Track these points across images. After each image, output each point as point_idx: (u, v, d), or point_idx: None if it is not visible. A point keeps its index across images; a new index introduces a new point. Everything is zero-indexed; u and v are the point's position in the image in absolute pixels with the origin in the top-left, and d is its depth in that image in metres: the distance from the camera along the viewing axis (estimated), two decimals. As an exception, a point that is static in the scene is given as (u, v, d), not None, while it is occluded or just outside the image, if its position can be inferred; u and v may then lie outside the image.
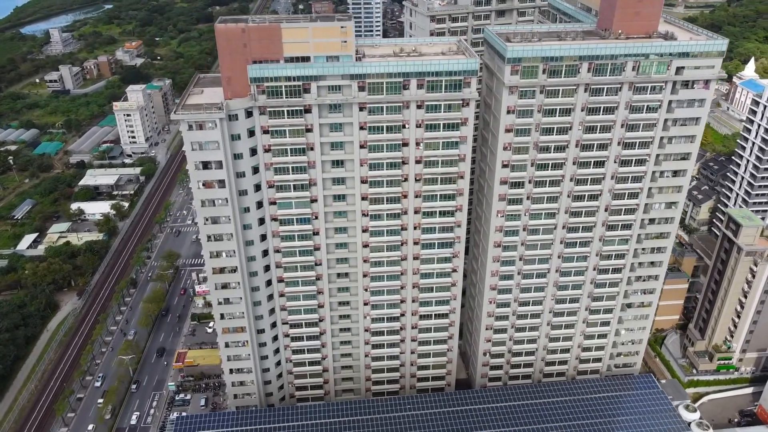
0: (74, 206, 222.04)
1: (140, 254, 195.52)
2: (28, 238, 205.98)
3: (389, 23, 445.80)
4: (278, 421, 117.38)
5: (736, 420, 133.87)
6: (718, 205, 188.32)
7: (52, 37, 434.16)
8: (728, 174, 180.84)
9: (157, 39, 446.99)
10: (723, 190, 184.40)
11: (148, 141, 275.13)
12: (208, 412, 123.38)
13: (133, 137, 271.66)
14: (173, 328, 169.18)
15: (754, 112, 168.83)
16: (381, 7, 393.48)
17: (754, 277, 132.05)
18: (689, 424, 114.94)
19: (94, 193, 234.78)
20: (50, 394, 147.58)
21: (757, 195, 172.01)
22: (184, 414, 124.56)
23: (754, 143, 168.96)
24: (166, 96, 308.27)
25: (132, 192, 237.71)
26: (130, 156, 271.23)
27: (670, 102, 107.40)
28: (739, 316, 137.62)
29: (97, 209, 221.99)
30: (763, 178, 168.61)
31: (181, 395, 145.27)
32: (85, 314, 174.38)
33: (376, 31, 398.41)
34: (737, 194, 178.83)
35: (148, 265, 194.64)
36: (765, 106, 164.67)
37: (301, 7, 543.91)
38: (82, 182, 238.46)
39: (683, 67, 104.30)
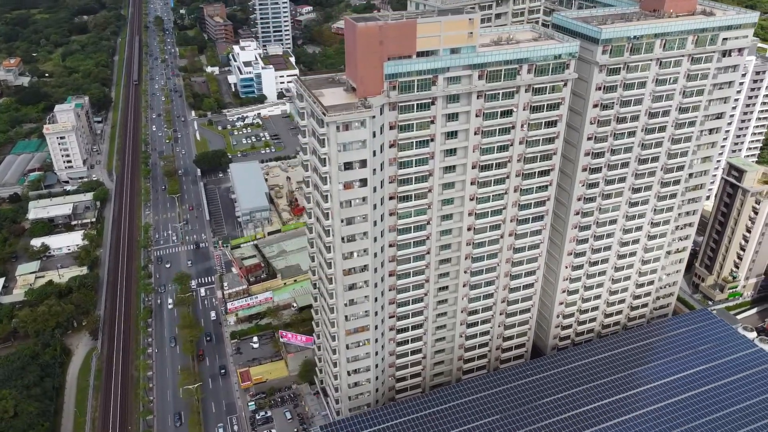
0: (36, 242, 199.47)
1: (143, 282, 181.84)
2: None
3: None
4: (409, 413, 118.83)
5: (758, 337, 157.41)
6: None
7: None
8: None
9: (34, 54, 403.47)
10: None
11: (85, 164, 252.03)
12: (345, 418, 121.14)
13: (69, 161, 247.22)
14: (213, 350, 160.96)
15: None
16: (288, 9, 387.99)
17: (756, 213, 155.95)
18: (753, 340, 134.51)
19: (51, 226, 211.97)
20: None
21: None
22: (325, 424, 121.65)
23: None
24: (88, 114, 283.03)
25: (93, 219, 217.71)
26: (67, 182, 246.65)
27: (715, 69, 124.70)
28: (743, 249, 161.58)
29: (64, 242, 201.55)
30: (726, 131, 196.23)
31: (261, 413, 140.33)
32: (109, 353, 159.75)
33: (285, 33, 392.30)
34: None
35: (154, 291, 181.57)
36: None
37: (182, 11, 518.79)
38: (32, 216, 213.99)
39: (727, 38, 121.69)
